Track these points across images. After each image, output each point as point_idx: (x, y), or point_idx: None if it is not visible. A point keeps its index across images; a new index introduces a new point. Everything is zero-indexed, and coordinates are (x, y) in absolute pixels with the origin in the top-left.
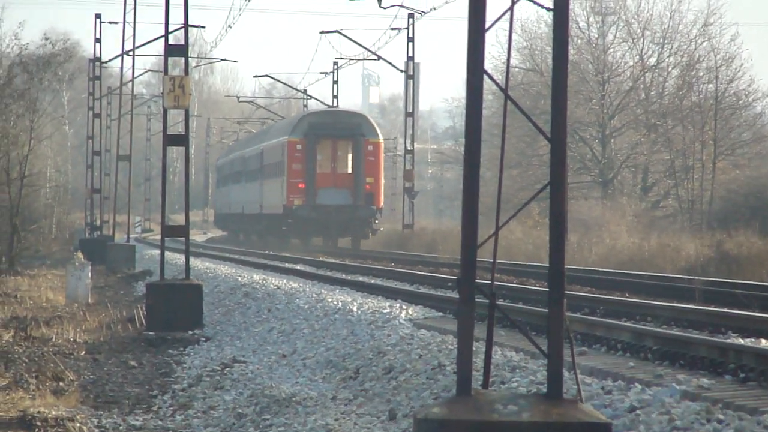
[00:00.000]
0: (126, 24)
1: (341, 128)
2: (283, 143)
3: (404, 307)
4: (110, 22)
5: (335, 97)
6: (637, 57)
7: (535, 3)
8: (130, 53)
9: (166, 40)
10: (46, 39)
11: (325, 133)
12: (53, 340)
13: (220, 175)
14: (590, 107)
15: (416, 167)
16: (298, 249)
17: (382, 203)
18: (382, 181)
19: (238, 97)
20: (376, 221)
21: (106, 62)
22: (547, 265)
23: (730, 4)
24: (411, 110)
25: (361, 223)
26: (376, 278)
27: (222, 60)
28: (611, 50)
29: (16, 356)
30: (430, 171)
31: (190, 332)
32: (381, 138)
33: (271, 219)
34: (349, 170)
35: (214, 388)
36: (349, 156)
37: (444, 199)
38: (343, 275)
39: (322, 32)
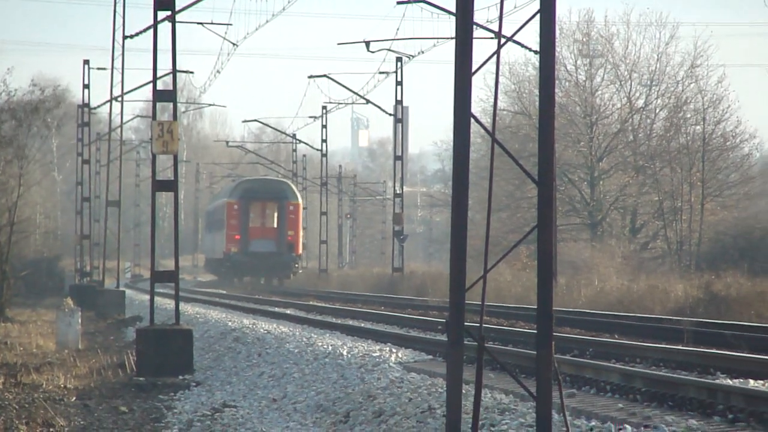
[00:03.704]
0: (114, 70)
1: (269, 192)
2: (224, 203)
3: (394, 350)
4: (98, 68)
5: (324, 141)
6: (625, 99)
7: (522, 46)
8: (119, 99)
9: (155, 85)
10: (35, 85)
11: (257, 196)
12: (43, 386)
13: (206, 221)
14: (578, 149)
15: (405, 210)
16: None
17: (301, 251)
18: (301, 233)
19: (227, 142)
20: (296, 265)
21: (94, 108)
22: (536, 307)
23: (717, 45)
24: (400, 153)
25: (284, 266)
26: (366, 322)
27: (211, 105)
28: (599, 92)
29: (7, 403)
30: (419, 214)
31: (181, 377)
32: (300, 200)
33: (219, 263)
34: (275, 225)
35: None
36: (275, 214)
37: (434, 243)
38: (333, 319)
39: (310, 76)
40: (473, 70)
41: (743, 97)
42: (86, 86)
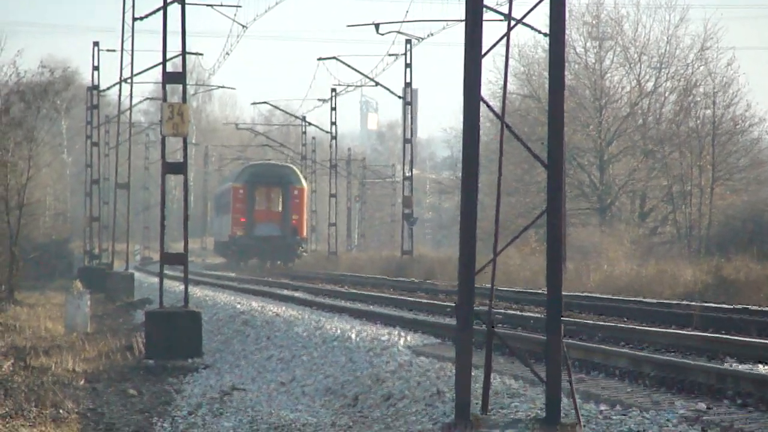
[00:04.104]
0: (124, 52)
1: (274, 177)
2: (229, 188)
3: (403, 334)
4: (108, 50)
5: (333, 123)
6: (635, 82)
7: (532, 28)
8: (128, 81)
9: (164, 67)
10: (44, 67)
11: (262, 181)
12: (52, 369)
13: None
14: (588, 133)
15: (414, 195)
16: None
17: (305, 234)
18: (305, 217)
19: (236, 125)
20: (301, 248)
21: (104, 90)
22: (546, 291)
23: (727, 28)
24: (409, 136)
25: (289, 249)
26: (375, 305)
27: (220, 87)
28: (608, 75)
29: (16, 386)
30: (428, 200)
31: (190, 360)
32: (305, 185)
33: (225, 245)
34: (280, 209)
35: (213, 416)
36: (280, 198)
37: (442, 229)
38: (342, 302)
39: (320, 59)
40: (483, 52)
41: (753, 80)
42: (96, 68)
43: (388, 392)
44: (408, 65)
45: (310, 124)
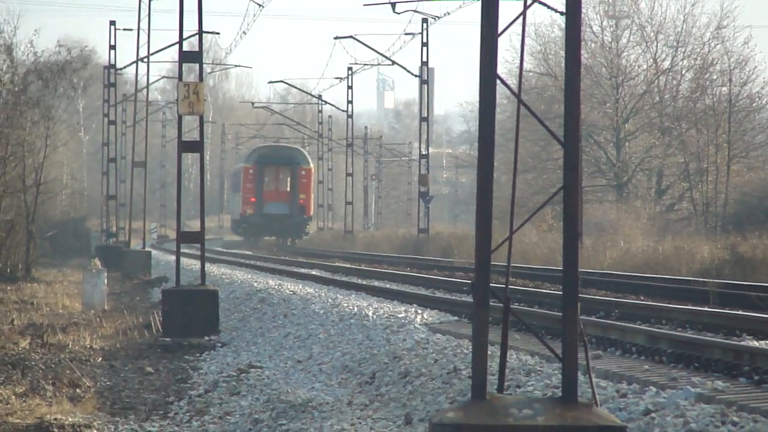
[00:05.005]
0: (140, 31)
1: (282, 158)
2: (240, 168)
3: (419, 311)
4: (125, 29)
5: (350, 102)
6: (651, 60)
7: (548, 7)
8: (145, 60)
9: (181, 46)
10: (61, 46)
11: (271, 162)
12: (69, 346)
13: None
14: (604, 111)
15: (431, 172)
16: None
17: (311, 213)
18: (312, 196)
19: (252, 103)
20: (308, 226)
21: (120, 69)
22: (562, 268)
23: (744, 6)
24: (425, 115)
25: (296, 227)
26: (391, 283)
27: (237, 66)
28: (625, 54)
29: (33, 363)
30: (445, 175)
31: (206, 338)
32: (312, 165)
33: (236, 224)
34: (288, 189)
35: (230, 394)
36: (288, 179)
37: (459, 204)
38: (359, 280)
39: (336, 38)
40: (499, 31)
41: None
42: (112, 47)
43: (405, 370)
44: (424, 44)
45: (326, 102)
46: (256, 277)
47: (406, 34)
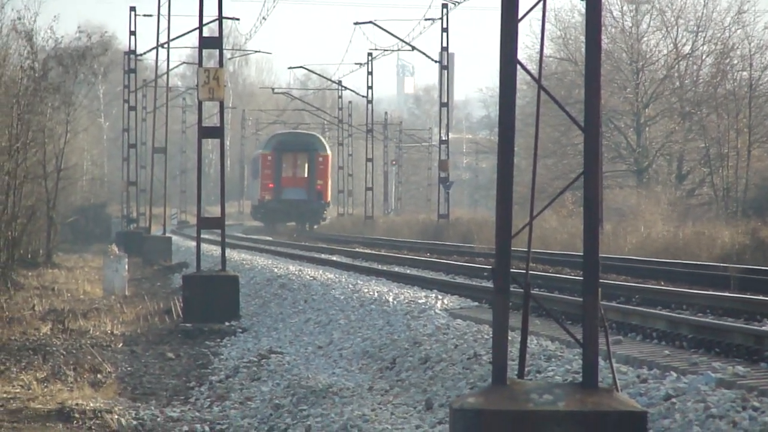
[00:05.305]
0: (161, 17)
1: (300, 144)
2: (258, 155)
3: (440, 297)
4: (145, 15)
5: (369, 87)
6: (671, 45)
7: None
8: (165, 46)
9: (201, 32)
10: (82, 32)
11: (289, 148)
12: (90, 332)
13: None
14: (624, 96)
15: (451, 157)
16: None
17: (329, 199)
18: (330, 182)
19: (272, 89)
20: (325, 211)
21: (141, 55)
22: (582, 254)
23: None
24: (445, 100)
25: (314, 212)
26: (412, 268)
27: (256, 52)
28: (645, 39)
29: (54, 349)
30: (465, 161)
31: (227, 324)
32: (329, 152)
33: (256, 209)
34: (306, 175)
35: (251, 380)
36: (306, 165)
37: (479, 189)
38: (379, 266)
39: (356, 23)
40: (520, 16)
41: None
42: (133, 33)
43: (425, 355)
44: (444, 29)
45: (346, 88)
46: (276, 262)
47: (426, 19)
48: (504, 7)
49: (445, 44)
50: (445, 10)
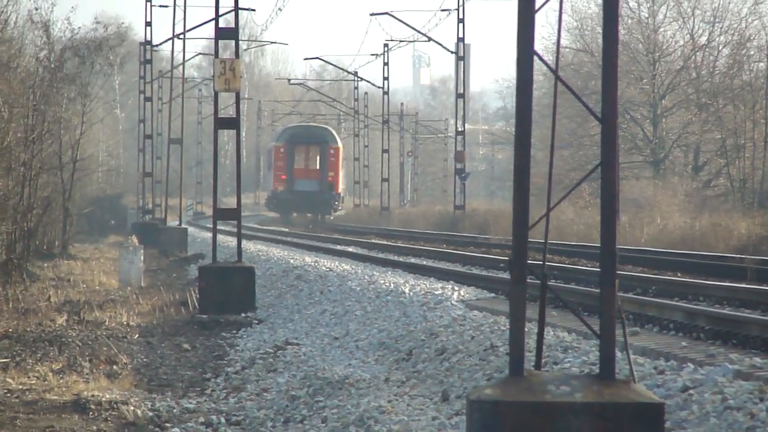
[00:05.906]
0: (176, 7)
1: (312, 137)
2: (272, 147)
3: (456, 288)
4: (161, 6)
5: (386, 78)
6: (688, 36)
7: None
8: (181, 37)
9: (217, 23)
10: (98, 23)
11: (301, 141)
12: (106, 323)
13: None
14: (641, 87)
15: (467, 148)
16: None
17: (340, 190)
18: (341, 174)
19: (288, 80)
20: (336, 203)
21: (156, 46)
22: (599, 245)
23: None
24: (462, 91)
25: (325, 203)
26: (428, 259)
27: (273, 43)
28: (662, 30)
29: (70, 340)
30: (481, 152)
31: (243, 315)
32: (340, 144)
33: (269, 200)
34: (317, 167)
35: (267, 371)
36: (318, 157)
37: (495, 180)
38: (395, 257)
39: (372, 14)
40: (536, 7)
41: None
42: (148, 24)
43: (441, 347)
44: (461, 20)
45: (362, 79)
46: (292, 253)
47: (443, 10)
48: None
49: (461, 35)
50: (461, 1)
